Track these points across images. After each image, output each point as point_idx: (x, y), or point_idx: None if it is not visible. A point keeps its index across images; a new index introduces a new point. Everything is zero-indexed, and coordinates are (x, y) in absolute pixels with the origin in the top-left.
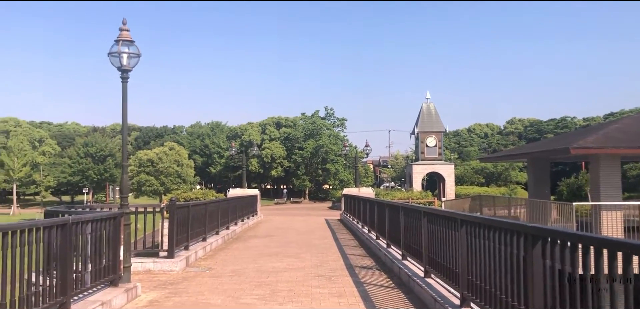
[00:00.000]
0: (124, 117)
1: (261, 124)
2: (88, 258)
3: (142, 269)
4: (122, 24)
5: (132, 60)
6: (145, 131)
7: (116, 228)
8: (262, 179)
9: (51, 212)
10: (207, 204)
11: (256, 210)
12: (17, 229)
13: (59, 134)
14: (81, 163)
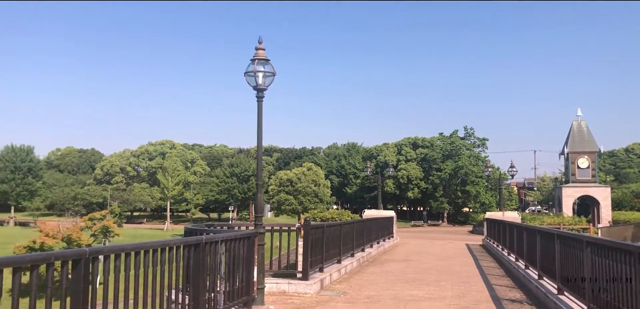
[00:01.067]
0: (259, 135)
1: (397, 144)
2: (221, 278)
3: (277, 290)
4: (258, 43)
5: (267, 79)
6: (285, 152)
7: (250, 248)
8: (398, 201)
9: (189, 230)
10: (342, 225)
11: (392, 232)
12: (157, 248)
13: (209, 155)
14: (227, 182)
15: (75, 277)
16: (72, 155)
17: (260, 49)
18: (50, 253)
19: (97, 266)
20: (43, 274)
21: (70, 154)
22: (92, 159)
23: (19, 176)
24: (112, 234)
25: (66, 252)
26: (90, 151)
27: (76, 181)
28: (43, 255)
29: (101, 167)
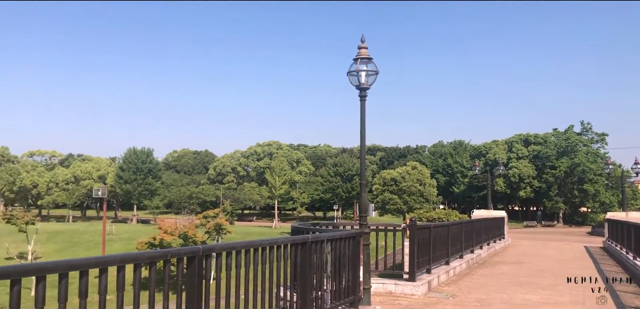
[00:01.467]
0: (363, 135)
1: (507, 141)
2: (328, 277)
3: (383, 291)
4: (360, 41)
5: (370, 77)
6: (388, 151)
7: (356, 248)
8: (508, 200)
9: (296, 229)
10: (450, 226)
11: (503, 233)
12: (266, 246)
13: (313, 155)
14: (331, 182)
15: (190, 273)
16: (188, 156)
17: (363, 48)
18: (167, 250)
19: (210, 263)
20: (161, 269)
21: (186, 156)
22: (205, 160)
23: (141, 176)
24: (224, 231)
25: (181, 250)
26: (203, 152)
27: (191, 180)
28: (160, 252)
29: (214, 167)
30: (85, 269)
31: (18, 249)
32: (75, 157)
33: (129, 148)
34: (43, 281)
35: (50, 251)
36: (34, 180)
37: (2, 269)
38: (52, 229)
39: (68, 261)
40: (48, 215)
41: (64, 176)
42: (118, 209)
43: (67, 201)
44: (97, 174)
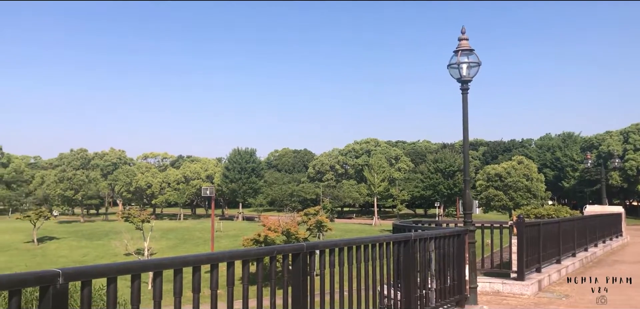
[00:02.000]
0: (465, 129)
1: (622, 131)
2: (432, 276)
3: (490, 290)
4: (460, 33)
5: (472, 69)
6: (492, 146)
7: (461, 246)
8: (625, 195)
9: (398, 227)
10: (561, 223)
11: (620, 231)
12: (368, 244)
13: (412, 151)
14: (432, 178)
15: (295, 269)
16: (288, 155)
17: (464, 39)
18: (273, 247)
19: (314, 259)
20: (267, 265)
21: (286, 155)
22: (305, 158)
23: (245, 175)
24: (325, 228)
25: (286, 247)
26: (303, 151)
27: (292, 179)
28: (267, 249)
29: (313, 166)
30: (197, 265)
31: (136, 245)
32: (184, 159)
33: (233, 149)
34: (160, 276)
35: (164, 247)
36: (148, 181)
37: (124, 264)
38: (165, 226)
39: (182, 258)
40: (161, 213)
41: (175, 176)
42: (225, 207)
43: (178, 200)
44: (205, 174)
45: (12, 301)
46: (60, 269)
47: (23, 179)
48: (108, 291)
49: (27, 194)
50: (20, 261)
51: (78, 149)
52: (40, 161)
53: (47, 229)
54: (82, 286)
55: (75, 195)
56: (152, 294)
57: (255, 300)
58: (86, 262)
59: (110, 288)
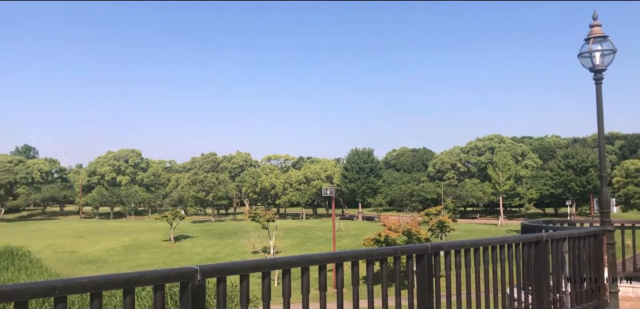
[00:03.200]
0: (600, 122)
1: None
2: (566, 279)
3: (633, 295)
4: (592, 19)
5: (606, 58)
6: (630, 139)
7: (598, 247)
8: None
9: (527, 227)
10: None
11: None
12: (495, 245)
13: (540, 147)
14: (562, 175)
15: (420, 269)
16: (407, 155)
17: (596, 26)
18: (397, 247)
19: (439, 260)
20: (390, 265)
21: (405, 154)
22: (424, 157)
23: (363, 175)
24: (447, 228)
25: (411, 247)
26: (422, 150)
27: (411, 178)
28: (391, 249)
29: (433, 165)
30: (323, 264)
31: (262, 243)
32: (305, 160)
33: (351, 149)
34: (288, 274)
35: (288, 245)
36: (272, 181)
37: (255, 262)
38: (289, 225)
39: (309, 256)
40: (285, 213)
41: (296, 177)
42: (345, 207)
43: (300, 199)
44: (324, 174)
45: (157, 295)
46: (198, 266)
47: (160, 182)
48: (241, 287)
49: (164, 196)
50: (159, 258)
51: (208, 153)
52: (175, 165)
53: (182, 228)
54: (218, 283)
55: (206, 196)
56: (281, 290)
57: (379, 300)
58: (217, 259)
59: (243, 284)
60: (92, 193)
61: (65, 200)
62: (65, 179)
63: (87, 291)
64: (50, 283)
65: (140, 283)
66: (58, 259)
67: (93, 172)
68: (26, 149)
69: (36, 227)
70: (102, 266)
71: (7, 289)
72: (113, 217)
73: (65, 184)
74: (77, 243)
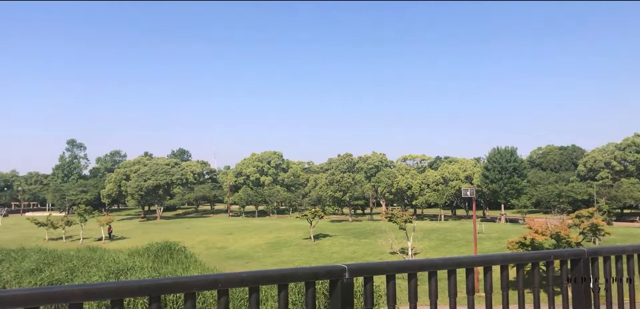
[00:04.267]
0: None
1: None
2: None
3: None
4: None
5: None
6: None
7: None
8: None
9: None
10: None
11: None
12: None
13: None
14: None
15: (575, 276)
16: (553, 153)
17: None
18: (549, 252)
19: (597, 267)
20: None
21: (552, 152)
22: (573, 155)
23: (506, 175)
24: (602, 232)
25: (564, 251)
26: (570, 147)
27: (559, 178)
28: (542, 253)
29: (584, 163)
30: (471, 267)
31: (399, 244)
32: (442, 160)
33: (492, 148)
34: (434, 276)
35: (427, 247)
36: (408, 182)
37: (401, 263)
38: (427, 227)
39: (456, 259)
40: (422, 214)
41: (433, 177)
42: (486, 208)
43: (437, 200)
44: (463, 174)
45: (309, 291)
46: (346, 265)
47: (299, 182)
48: (387, 287)
49: (303, 195)
50: (301, 255)
51: (344, 154)
52: (312, 166)
53: (320, 227)
54: (365, 282)
55: (343, 196)
56: (428, 292)
57: (531, 306)
58: (356, 258)
59: (389, 284)
60: (239, 193)
61: (215, 199)
62: (215, 180)
63: (245, 285)
64: (212, 276)
65: (293, 279)
66: (209, 254)
67: (239, 173)
68: (181, 152)
69: (190, 225)
70: (248, 261)
71: (179, 281)
72: (257, 215)
73: (214, 185)
74: (226, 239)
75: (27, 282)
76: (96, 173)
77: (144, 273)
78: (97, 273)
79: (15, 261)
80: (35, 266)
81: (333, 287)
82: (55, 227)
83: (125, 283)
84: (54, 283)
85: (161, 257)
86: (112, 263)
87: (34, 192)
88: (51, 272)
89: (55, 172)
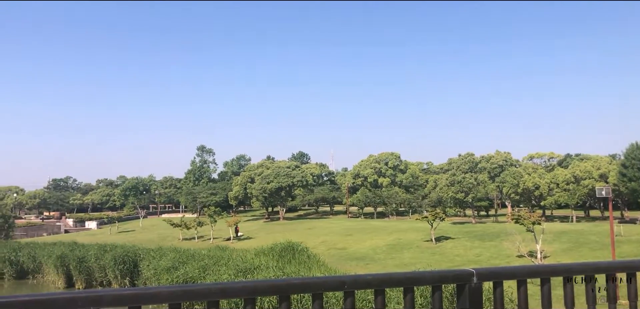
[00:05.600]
0: None
1: None
2: None
3: None
4: None
5: None
6: None
7: None
8: None
9: None
10: None
11: None
12: None
13: None
14: None
15: None
16: None
17: None
18: None
19: None
20: None
21: None
22: None
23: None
24: None
25: None
26: None
27: None
28: None
29: None
30: (610, 272)
31: (527, 247)
32: (573, 157)
33: (631, 143)
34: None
35: (557, 250)
36: (535, 182)
37: (533, 267)
38: (557, 229)
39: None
40: (551, 215)
41: (563, 176)
42: (624, 209)
43: (568, 201)
44: (597, 173)
45: (435, 295)
46: (474, 269)
47: (418, 183)
48: (519, 293)
49: (423, 196)
50: (422, 258)
51: (465, 153)
52: (432, 166)
53: (442, 229)
54: (495, 286)
55: (465, 197)
56: (563, 299)
57: None
58: (480, 261)
59: (520, 290)
60: (357, 194)
61: (334, 200)
62: (333, 181)
63: (371, 287)
64: (339, 277)
65: (420, 282)
66: (330, 254)
67: (357, 174)
68: (301, 155)
69: (311, 225)
70: (369, 263)
71: (307, 281)
72: (376, 217)
73: (333, 186)
74: (346, 240)
75: (164, 279)
76: (224, 176)
77: (270, 271)
78: (226, 271)
79: (154, 259)
80: (171, 264)
81: (460, 291)
82: (188, 228)
83: (258, 282)
84: (188, 281)
85: (284, 256)
86: (240, 261)
87: (169, 195)
88: (185, 270)
89: (187, 176)
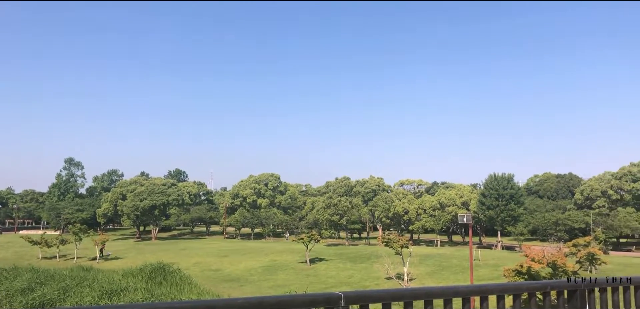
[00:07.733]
0: None
1: None
2: None
3: None
4: None
5: None
6: None
7: None
8: None
9: None
10: None
11: None
12: None
13: None
14: None
15: (572, 307)
16: (550, 181)
17: None
18: (546, 282)
19: (593, 298)
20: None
21: (549, 180)
22: (570, 183)
23: (502, 202)
24: (598, 261)
25: (561, 283)
26: (567, 175)
27: (556, 206)
28: (540, 284)
29: (580, 191)
30: (467, 296)
31: (396, 269)
32: (439, 185)
33: (489, 175)
34: (430, 305)
35: (423, 273)
36: (405, 207)
37: (397, 291)
38: (423, 252)
39: (453, 288)
40: (418, 239)
41: (430, 203)
42: (482, 235)
43: (434, 226)
44: (460, 200)
45: None
46: (342, 293)
47: (296, 205)
48: None
49: (300, 218)
50: (296, 280)
51: (342, 177)
52: (310, 188)
53: (317, 251)
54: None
55: (340, 220)
56: None
57: None
58: (352, 283)
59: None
60: (235, 215)
61: (211, 221)
62: (212, 201)
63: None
64: (207, 302)
65: (290, 306)
66: (204, 276)
67: (236, 195)
68: (177, 173)
69: (185, 246)
70: (243, 284)
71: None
72: (253, 238)
73: (211, 206)
74: (221, 261)
75: (18, 302)
76: (93, 192)
77: (138, 294)
78: (90, 293)
79: (6, 280)
80: (27, 285)
81: None
82: (49, 245)
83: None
84: (46, 303)
85: (155, 278)
86: (105, 283)
87: (29, 210)
88: (43, 291)
89: (52, 190)
